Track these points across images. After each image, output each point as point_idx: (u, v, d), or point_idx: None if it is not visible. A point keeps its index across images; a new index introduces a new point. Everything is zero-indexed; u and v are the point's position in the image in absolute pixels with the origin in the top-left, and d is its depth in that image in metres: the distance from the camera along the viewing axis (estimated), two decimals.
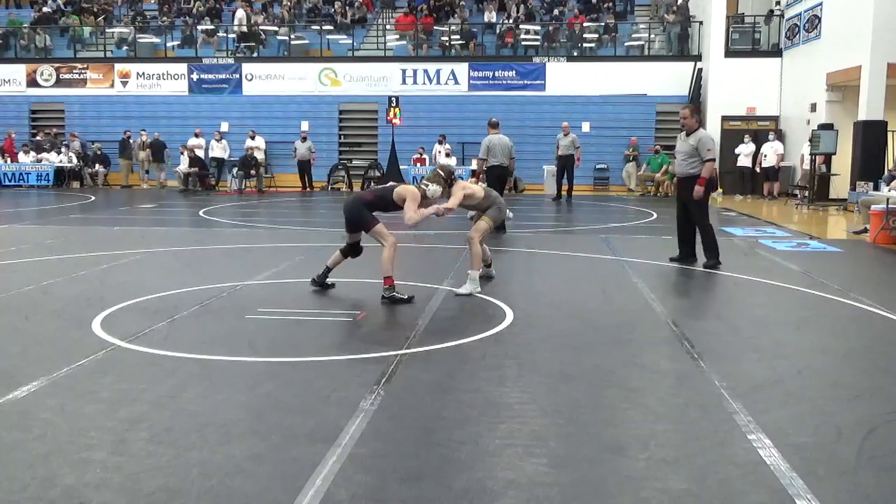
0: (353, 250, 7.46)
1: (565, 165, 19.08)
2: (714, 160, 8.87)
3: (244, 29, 25.45)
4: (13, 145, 23.35)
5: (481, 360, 5.01)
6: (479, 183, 9.10)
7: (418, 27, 24.96)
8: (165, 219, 14.89)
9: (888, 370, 4.99)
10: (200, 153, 22.37)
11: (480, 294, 7.12)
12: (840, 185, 17.63)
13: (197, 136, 22.74)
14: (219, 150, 22.65)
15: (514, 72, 23.52)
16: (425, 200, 7.02)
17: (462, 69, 23.62)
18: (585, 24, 24.71)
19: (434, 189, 7.03)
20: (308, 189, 22.04)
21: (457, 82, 23.60)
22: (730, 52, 22.04)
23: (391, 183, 7.11)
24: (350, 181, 22.65)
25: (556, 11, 25.53)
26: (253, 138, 22.25)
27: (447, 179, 7.19)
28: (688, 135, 8.97)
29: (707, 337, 5.70)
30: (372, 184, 22.08)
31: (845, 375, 4.89)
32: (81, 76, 24.86)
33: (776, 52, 21.85)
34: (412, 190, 7.00)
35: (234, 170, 21.59)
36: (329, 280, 7.40)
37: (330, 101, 23.92)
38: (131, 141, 22.87)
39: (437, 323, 6.06)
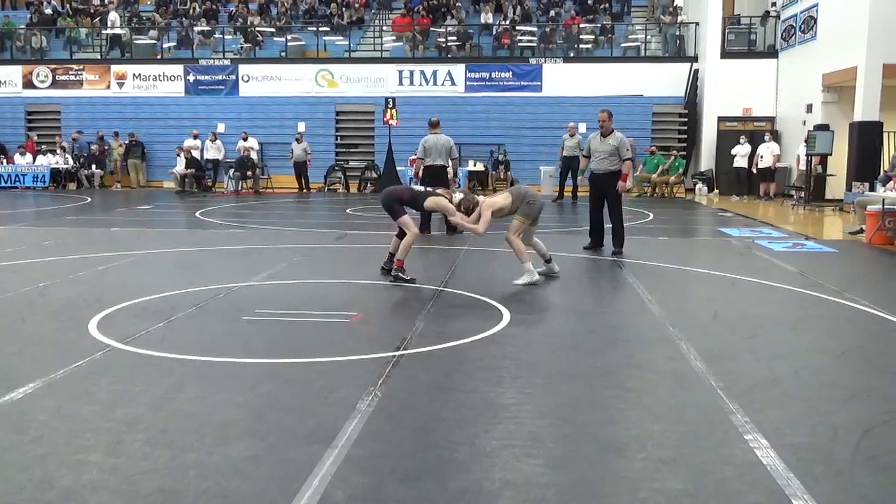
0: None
1: (570, 167, 18.85)
2: (631, 158, 10.09)
3: (118, 31, 25.74)
4: (34, 146, 23.35)
5: (479, 361, 5.01)
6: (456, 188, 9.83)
7: (415, 28, 24.96)
8: (162, 220, 14.87)
9: (884, 370, 5.00)
10: (197, 154, 22.35)
11: (476, 295, 7.13)
12: (836, 186, 17.67)
13: (195, 137, 22.72)
14: (213, 151, 22.65)
15: (510, 73, 23.55)
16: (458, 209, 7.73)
17: (459, 70, 23.63)
18: (582, 26, 24.74)
19: (458, 197, 7.79)
20: (305, 190, 22.02)
21: (453, 83, 23.61)
22: (726, 53, 22.10)
23: (427, 189, 8.05)
24: (347, 182, 22.64)
25: (552, 13, 25.56)
26: (245, 139, 22.21)
27: (467, 209, 7.68)
28: (604, 136, 9.90)
29: (704, 337, 5.70)
30: (369, 185, 22.13)
31: (842, 375, 4.90)
32: (77, 77, 24.82)
33: (772, 53, 21.91)
34: (444, 202, 7.70)
35: (231, 171, 21.57)
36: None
37: (326, 103, 23.91)
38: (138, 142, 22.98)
39: (434, 324, 6.06)
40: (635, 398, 4.34)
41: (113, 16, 26.16)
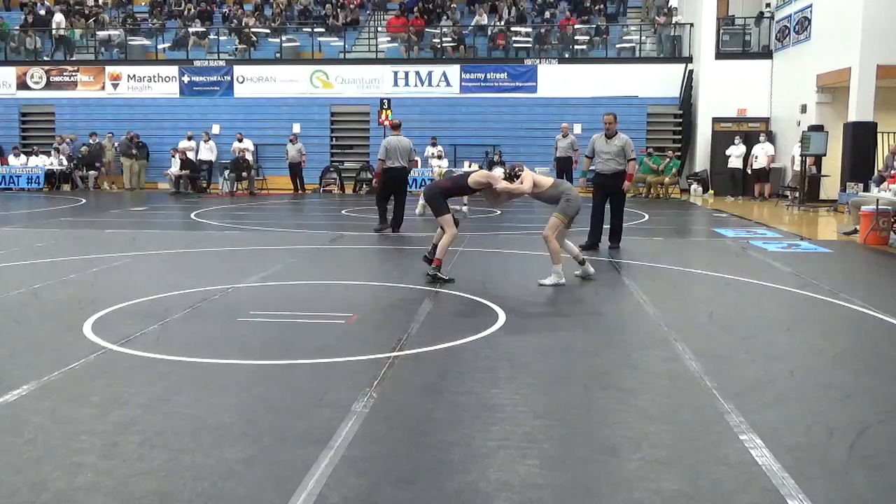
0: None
1: (564, 168, 18.79)
2: (635, 159, 10.57)
3: (62, 32, 25.76)
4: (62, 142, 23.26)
5: (474, 362, 5.01)
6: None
7: (410, 29, 24.96)
8: (156, 221, 14.84)
9: (879, 370, 5.01)
10: (191, 156, 22.30)
11: (471, 296, 7.13)
12: (830, 186, 17.71)
13: (189, 138, 22.68)
14: (206, 152, 22.60)
15: (505, 74, 23.54)
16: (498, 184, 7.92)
17: (454, 71, 23.63)
18: (577, 27, 24.76)
19: (498, 171, 8.07)
20: (300, 191, 22.01)
21: (448, 84, 23.60)
22: (720, 54, 22.15)
23: (465, 171, 8.39)
24: (342, 183, 22.63)
25: (547, 13, 25.58)
26: (240, 140, 22.18)
27: (510, 175, 7.88)
28: (609, 137, 10.33)
29: (699, 338, 5.71)
30: (364, 186, 22.12)
31: (836, 376, 4.91)
32: (72, 79, 24.77)
33: (766, 53, 21.95)
34: (488, 173, 8.04)
35: (226, 172, 21.53)
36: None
37: (321, 104, 23.89)
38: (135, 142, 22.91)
39: (429, 325, 6.05)
40: (630, 399, 4.34)
41: (58, 17, 26.21)
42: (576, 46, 24.48)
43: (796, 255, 10.18)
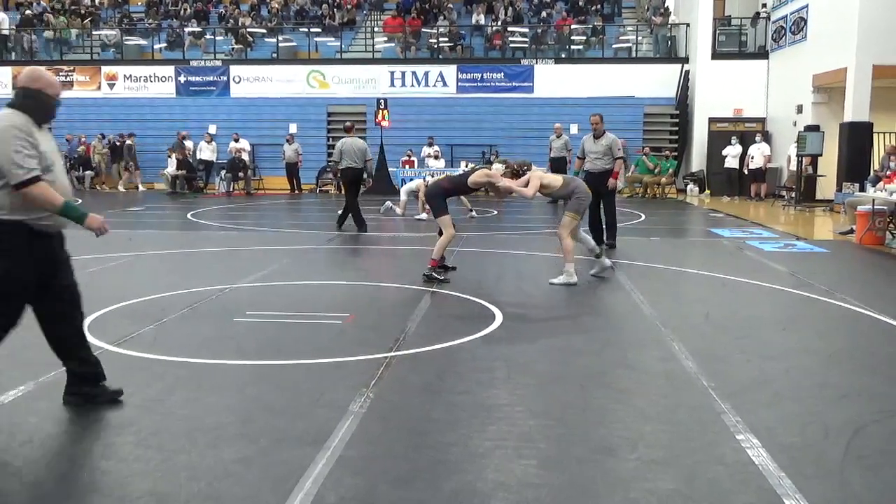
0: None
1: (558, 169, 18.77)
2: (622, 158, 10.71)
3: (4, 32, 25.88)
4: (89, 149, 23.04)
5: (471, 362, 5.02)
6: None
7: (406, 29, 24.96)
8: (153, 222, 14.82)
9: (874, 370, 5.02)
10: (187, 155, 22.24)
11: (468, 296, 7.13)
12: (826, 186, 17.74)
13: (182, 138, 22.59)
14: (208, 153, 22.54)
15: (502, 74, 23.57)
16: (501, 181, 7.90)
17: (450, 71, 23.65)
18: (573, 27, 24.79)
19: (498, 167, 8.00)
20: (296, 191, 21.98)
21: (445, 84, 23.62)
22: (717, 55, 22.18)
23: (466, 171, 8.30)
24: (338, 183, 22.57)
25: (543, 14, 25.60)
26: (237, 141, 22.13)
27: (516, 171, 7.89)
28: (596, 137, 10.46)
29: (695, 338, 5.72)
30: (363, 186, 22.08)
31: (832, 375, 4.92)
32: (68, 79, 24.71)
33: (763, 54, 21.99)
34: (489, 172, 7.93)
35: (223, 172, 21.49)
36: (449, 264, 8.41)
37: (318, 104, 23.88)
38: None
39: (426, 325, 6.05)
40: (627, 398, 4.34)
41: (1, 16, 26.26)
42: (572, 47, 24.52)
43: (792, 255, 10.20)
